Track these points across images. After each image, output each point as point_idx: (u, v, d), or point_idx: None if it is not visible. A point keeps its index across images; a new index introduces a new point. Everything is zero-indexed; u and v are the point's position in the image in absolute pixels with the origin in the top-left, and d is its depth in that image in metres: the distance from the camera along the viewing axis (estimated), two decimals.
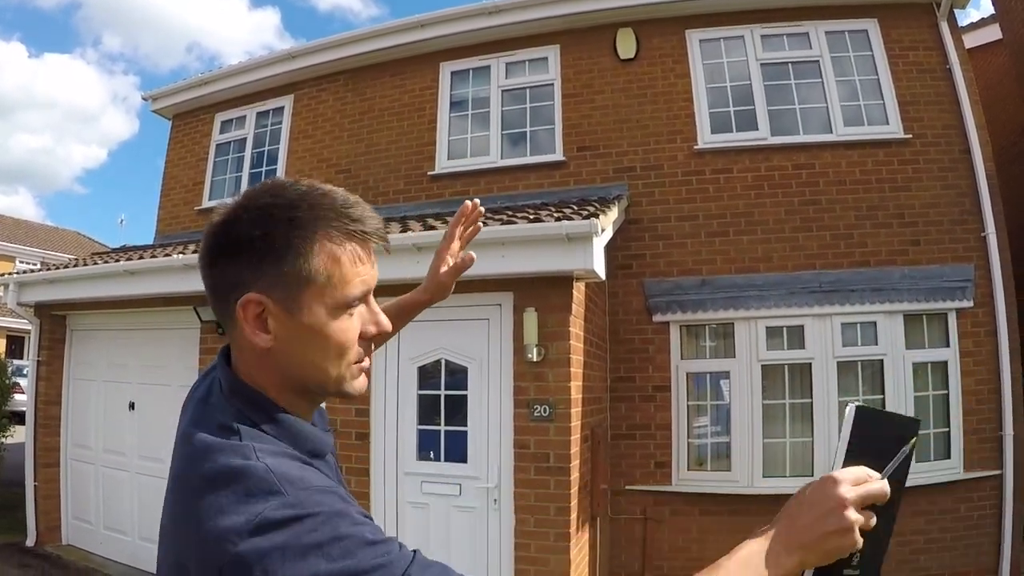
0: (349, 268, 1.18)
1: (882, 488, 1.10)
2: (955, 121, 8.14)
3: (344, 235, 1.18)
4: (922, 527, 7.51)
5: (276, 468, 1.06)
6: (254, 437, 1.13)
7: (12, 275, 9.71)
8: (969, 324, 7.79)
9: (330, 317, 1.18)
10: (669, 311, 8.07)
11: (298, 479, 1.06)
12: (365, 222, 1.20)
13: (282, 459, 1.10)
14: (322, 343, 1.19)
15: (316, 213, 1.17)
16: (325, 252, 1.16)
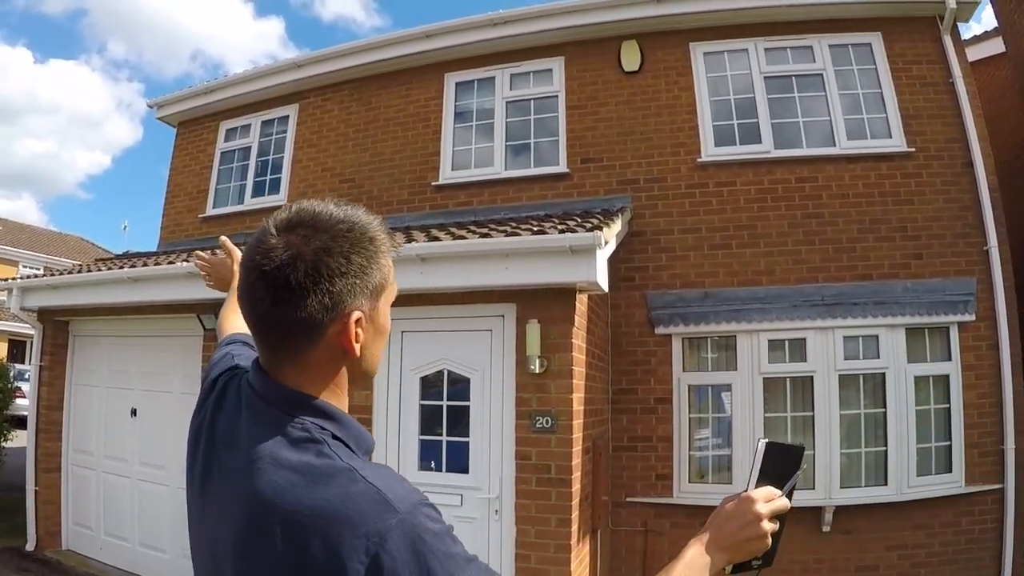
0: (392, 271, 1.38)
1: (785, 503, 1.46)
2: (958, 135, 8.14)
3: (389, 248, 1.35)
4: (923, 540, 7.51)
5: (389, 488, 1.14)
6: (347, 454, 1.22)
7: (15, 280, 9.71)
8: (971, 338, 7.79)
9: (387, 318, 1.39)
10: (671, 323, 8.08)
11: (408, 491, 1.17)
12: (394, 236, 1.45)
13: (386, 473, 1.20)
14: (382, 335, 1.39)
15: (379, 232, 1.32)
16: (388, 262, 1.35)
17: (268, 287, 1.23)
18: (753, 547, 1.43)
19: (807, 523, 7.54)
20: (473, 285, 6.44)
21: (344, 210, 1.32)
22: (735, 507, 1.45)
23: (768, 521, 1.42)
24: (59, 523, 9.38)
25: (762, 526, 1.41)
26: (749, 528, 1.41)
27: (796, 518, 7.15)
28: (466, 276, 6.41)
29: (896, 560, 7.51)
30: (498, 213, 8.84)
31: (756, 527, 1.41)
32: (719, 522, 1.45)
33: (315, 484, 1.14)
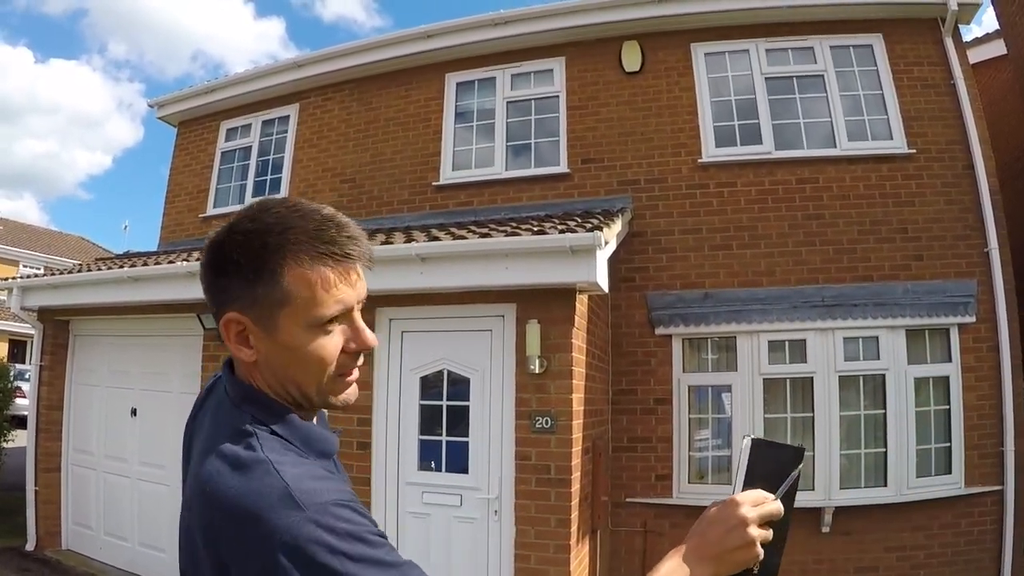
0: (320, 290, 1.23)
1: (777, 507, 1.32)
2: (959, 136, 8.14)
3: (313, 258, 1.23)
4: (922, 542, 7.52)
5: (294, 486, 1.11)
6: (271, 447, 1.20)
7: (16, 279, 9.71)
8: (971, 339, 7.79)
9: (307, 336, 1.25)
10: (671, 324, 8.08)
11: (309, 491, 1.11)
12: (339, 244, 1.25)
13: (302, 472, 1.16)
14: (301, 360, 1.26)
15: (287, 238, 1.22)
16: (295, 275, 1.22)
17: (201, 262, 1.32)
18: (740, 557, 1.29)
19: (806, 524, 7.53)
20: (473, 285, 6.44)
21: (276, 213, 1.26)
22: (718, 512, 1.32)
23: (757, 527, 1.28)
24: (59, 523, 9.37)
25: (748, 532, 1.27)
26: (733, 535, 1.28)
27: (796, 519, 7.20)
28: (466, 276, 6.40)
29: (895, 561, 7.51)
30: (498, 213, 8.84)
31: (741, 533, 1.27)
32: (702, 529, 1.33)
33: (233, 473, 1.15)
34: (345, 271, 1.26)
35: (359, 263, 1.29)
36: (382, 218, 9.60)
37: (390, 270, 6.62)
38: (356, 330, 1.31)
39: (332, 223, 1.27)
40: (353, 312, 1.30)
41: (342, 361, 1.30)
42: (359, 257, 1.28)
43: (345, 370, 1.31)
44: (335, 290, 1.24)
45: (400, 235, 7.64)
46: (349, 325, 1.30)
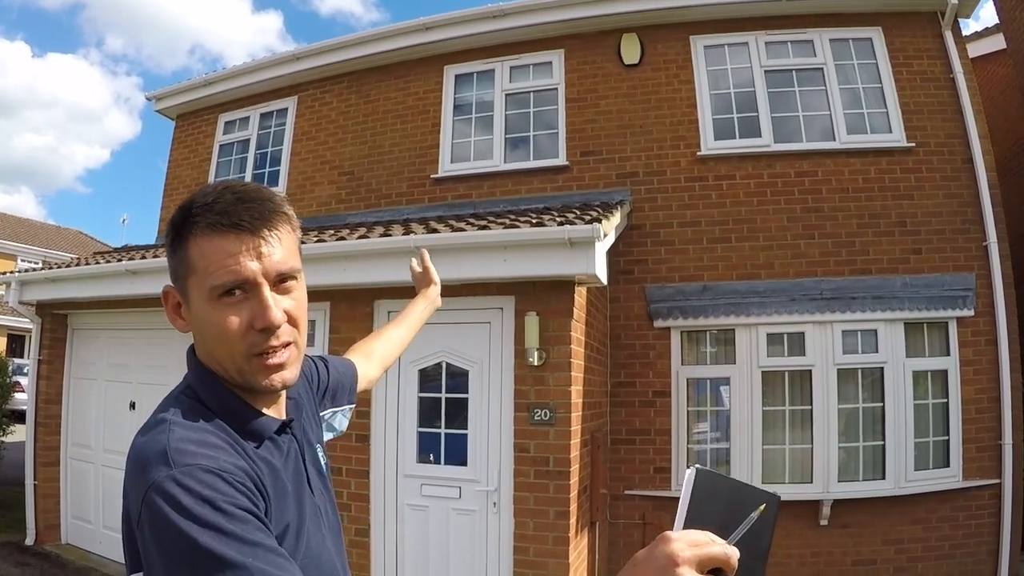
0: (213, 258, 1.27)
1: (723, 552, 1.04)
2: (958, 131, 8.14)
3: (209, 228, 1.27)
4: (920, 535, 7.53)
5: (173, 445, 1.17)
6: (183, 412, 1.28)
7: (14, 274, 9.70)
8: (970, 333, 7.79)
9: (207, 307, 1.29)
10: (670, 316, 8.08)
11: (178, 449, 1.17)
12: (229, 213, 1.27)
13: (189, 436, 1.21)
14: (206, 330, 1.31)
15: (191, 211, 1.30)
16: (194, 245, 1.29)
17: None
18: None
19: (805, 517, 7.55)
20: (472, 277, 6.43)
21: (195, 193, 1.34)
22: (648, 550, 1.06)
23: (693, 571, 1.01)
24: (58, 517, 9.36)
25: (679, 572, 1.00)
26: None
27: (793, 512, 7.18)
28: (465, 268, 6.38)
29: (893, 554, 7.52)
30: (497, 206, 8.84)
31: (671, 575, 1.01)
32: (629, 569, 1.07)
33: (143, 433, 1.26)
34: (242, 241, 1.28)
35: (259, 235, 1.29)
36: (380, 210, 9.60)
37: (388, 262, 6.62)
38: (260, 305, 1.29)
39: (231, 192, 1.31)
40: (259, 287, 1.29)
41: (252, 339, 1.29)
42: (253, 227, 1.28)
43: (256, 349, 1.30)
44: (228, 260, 1.26)
45: (399, 228, 7.63)
46: (256, 300, 1.29)
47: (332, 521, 1.51)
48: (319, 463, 1.56)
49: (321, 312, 7.30)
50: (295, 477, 1.39)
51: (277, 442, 1.40)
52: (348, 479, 6.90)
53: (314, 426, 1.65)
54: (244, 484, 1.16)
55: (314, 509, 1.42)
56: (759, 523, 1.11)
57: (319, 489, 1.49)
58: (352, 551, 6.70)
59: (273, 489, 1.27)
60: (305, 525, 1.35)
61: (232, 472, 1.16)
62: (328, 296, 7.17)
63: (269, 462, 1.32)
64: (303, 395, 1.64)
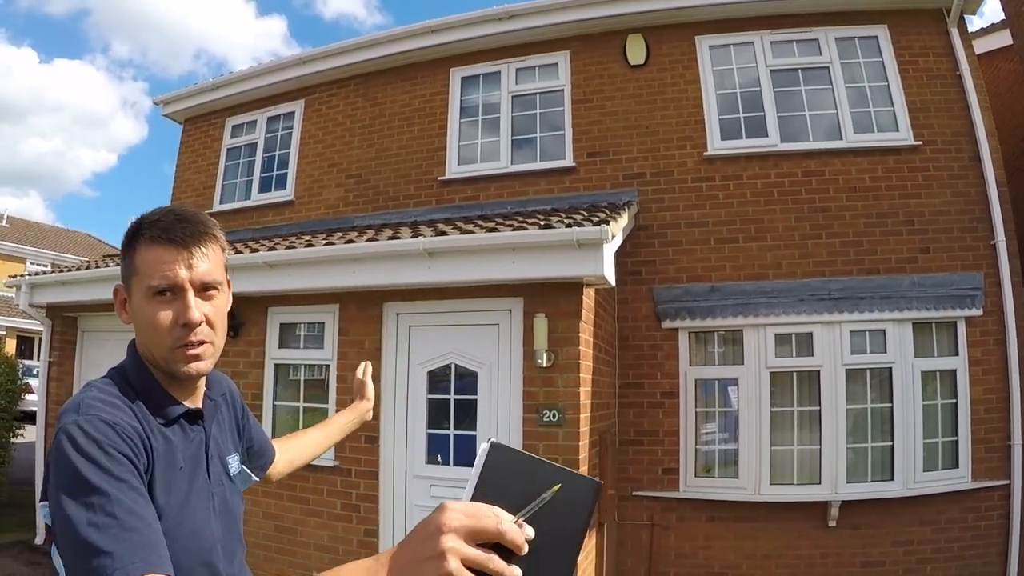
0: (152, 264, 1.56)
1: (496, 527, 0.98)
2: (965, 128, 8.12)
3: (151, 239, 1.58)
4: (929, 536, 7.51)
5: (85, 400, 1.46)
6: (107, 381, 1.58)
7: (24, 277, 9.74)
8: (978, 333, 7.77)
9: (144, 303, 1.57)
10: (678, 317, 8.08)
11: (86, 403, 1.45)
12: (168, 230, 1.57)
13: (100, 396, 1.49)
14: (142, 322, 1.58)
15: (142, 224, 1.61)
16: (139, 252, 1.59)
17: None
18: (426, 571, 0.96)
19: (813, 518, 7.54)
20: (480, 279, 6.44)
21: (148, 213, 1.64)
22: (426, 517, 1.01)
23: (463, 542, 0.96)
24: None
25: (441, 541, 0.95)
26: (427, 544, 0.97)
27: (802, 513, 7.16)
28: (473, 270, 6.41)
29: (902, 555, 7.50)
30: (504, 207, 8.85)
31: (433, 543, 0.96)
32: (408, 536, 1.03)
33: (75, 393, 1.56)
34: (176, 253, 1.56)
35: (190, 250, 1.57)
36: (388, 213, 9.61)
37: (397, 265, 6.64)
38: (182, 306, 1.56)
39: (173, 214, 1.61)
40: (184, 291, 1.56)
41: (176, 333, 1.56)
42: (185, 243, 1.57)
43: (180, 343, 1.56)
44: (163, 266, 1.55)
45: (407, 230, 7.64)
46: (183, 303, 1.56)
47: (226, 509, 1.70)
48: (226, 462, 1.78)
49: (330, 314, 7.33)
50: (192, 460, 1.62)
51: (186, 428, 1.64)
52: (357, 480, 6.92)
53: (229, 437, 1.87)
54: (131, 438, 1.41)
55: (206, 492, 1.63)
56: (566, 505, 1.06)
57: (219, 480, 1.70)
58: (360, 552, 6.73)
59: (164, 459, 1.51)
60: (191, 501, 1.56)
61: (122, 427, 1.41)
62: (337, 298, 7.20)
63: (168, 438, 1.56)
64: (225, 410, 1.89)
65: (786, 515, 7.59)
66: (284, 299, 7.54)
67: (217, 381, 1.86)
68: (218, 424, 1.80)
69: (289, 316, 7.70)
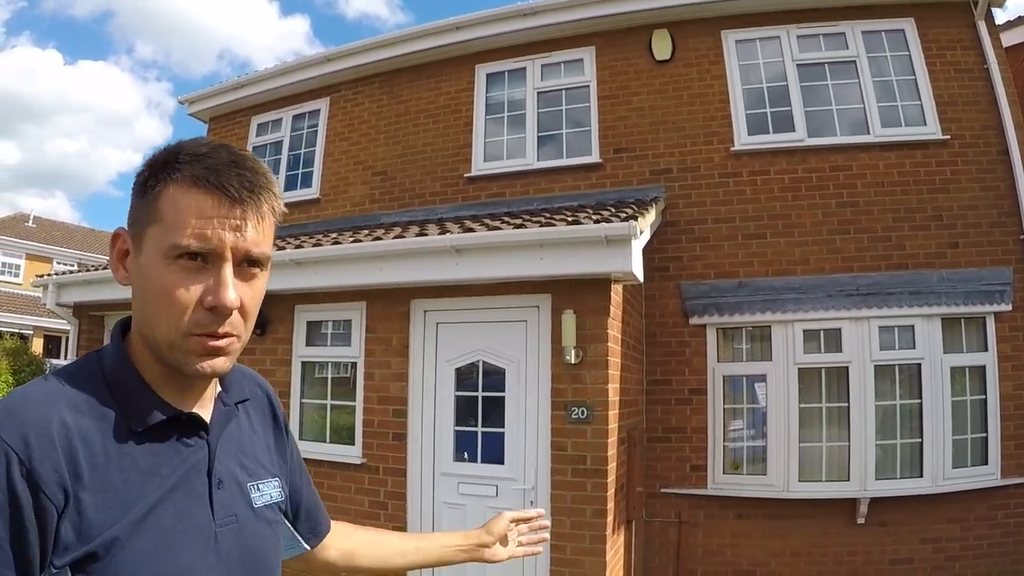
0: (186, 214, 1.15)
1: None
2: (993, 122, 8.05)
3: (191, 181, 1.16)
4: (958, 533, 7.45)
5: (13, 400, 1.12)
6: (64, 372, 1.21)
7: (50, 276, 9.83)
8: (1007, 328, 7.70)
9: (161, 262, 1.16)
10: (706, 314, 8.06)
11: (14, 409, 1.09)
12: (219, 173, 1.17)
13: (36, 396, 1.13)
14: (150, 287, 1.17)
15: (176, 157, 1.18)
16: (169, 193, 1.16)
17: None
18: None
19: (842, 515, 7.51)
20: (508, 276, 6.44)
21: (189, 142, 1.22)
22: None
23: None
24: None
25: None
26: None
27: (830, 510, 7.12)
28: (501, 267, 6.41)
29: (931, 553, 7.45)
30: (531, 204, 8.85)
31: None
32: None
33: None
34: (224, 207, 1.16)
35: (246, 208, 1.18)
36: (415, 210, 9.63)
37: (425, 262, 6.66)
38: (217, 282, 1.16)
39: (226, 152, 1.21)
40: (223, 261, 1.17)
41: (198, 317, 1.16)
42: (240, 198, 1.17)
43: (200, 329, 1.17)
44: (202, 221, 1.15)
45: (434, 227, 7.66)
46: (215, 275, 1.17)
47: (242, 554, 1.28)
48: (246, 490, 1.34)
49: (357, 312, 7.35)
50: (183, 485, 1.20)
51: (176, 442, 1.23)
52: (385, 477, 6.94)
53: (256, 456, 1.43)
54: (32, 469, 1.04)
55: (204, 532, 1.22)
56: None
57: (228, 514, 1.27)
58: None
59: (124, 482, 1.13)
60: (175, 542, 1.16)
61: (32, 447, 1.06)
62: (364, 296, 7.22)
63: (134, 455, 1.16)
64: (255, 419, 1.49)
65: (814, 512, 7.56)
66: (311, 297, 7.57)
67: (238, 381, 1.45)
68: (234, 438, 1.37)
69: (316, 314, 7.72)
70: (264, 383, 1.58)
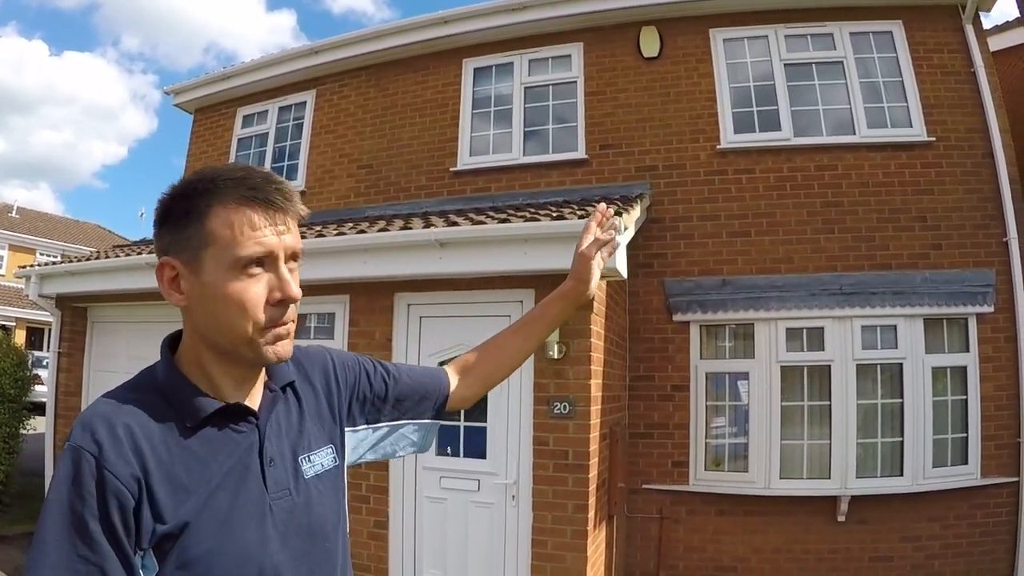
0: (241, 230, 1.32)
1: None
2: (979, 125, 8.09)
3: (237, 200, 1.33)
4: (937, 532, 7.51)
5: (85, 414, 1.35)
6: (128, 385, 1.43)
7: (34, 267, 9.75)
8: (989, 329, 7.75)
9: (228, 276, 1.33)
10: (689, 311, 8.07)
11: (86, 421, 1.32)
12: (261, 190, 1.34)
13: (101, 408, 1.35)
14: (223, 301, 1.33)
15: (215, 184, 1.34)
16: (219, 216, 1.32)
17: None
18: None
19: (822, 512, 7.54)
20: (492, 270, 6.43)
21: (219, 168, 1.38)
22: None
23: None
24: None
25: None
26: None
27: (811, 507, 7.16)
28: (485, 261, 6.40)
29: (911, 551, 7.50)
30: (516, 199, 8.84)
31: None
32: None
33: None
34: (270, 217, 1.34)
35: (286, 214, 1.37)
36: (400, 204, 9.61)
37: (408, 255, 6.64)
38: (280, 279, 1.36)
39: (258, 174, 1.37)
40: (279, 261, 1.36)
41: (269, 313, 1.36)
42: (283, 206, 1.36)
43: (273, 322, 1.37)
44: (256, 232, 1.33)
45: (418, 220, 7.63)
46: (275, 274, 1.36)
47: (300, 525, 1.45)
48: (298, 463, 1.50)
49: (341, 305, 7.32)
50: (238, 468, 1.37)
51: (229, 430, 1.40)
52: (367, 471, 6.92)
53: (310, 429, 1.57)
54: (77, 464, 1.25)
55: (260, 506, 1.38)
56: None
57: (282, 488, 1.43)
58: (371, 543, 6.73)
59: (186, 471, 1.31)
60: (234, 518, 1.33)
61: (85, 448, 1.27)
62: (348, 289, 7.19)
63: (191, 446, 1.34)
64: (307, 396, 1.62)
65: (795, 509, 7.59)
66: None
67: (281, 367, 1.55)
68: (283, 419, 1.52)
69: (299, 306, 7.67)
70: (315, 357, 1.72)
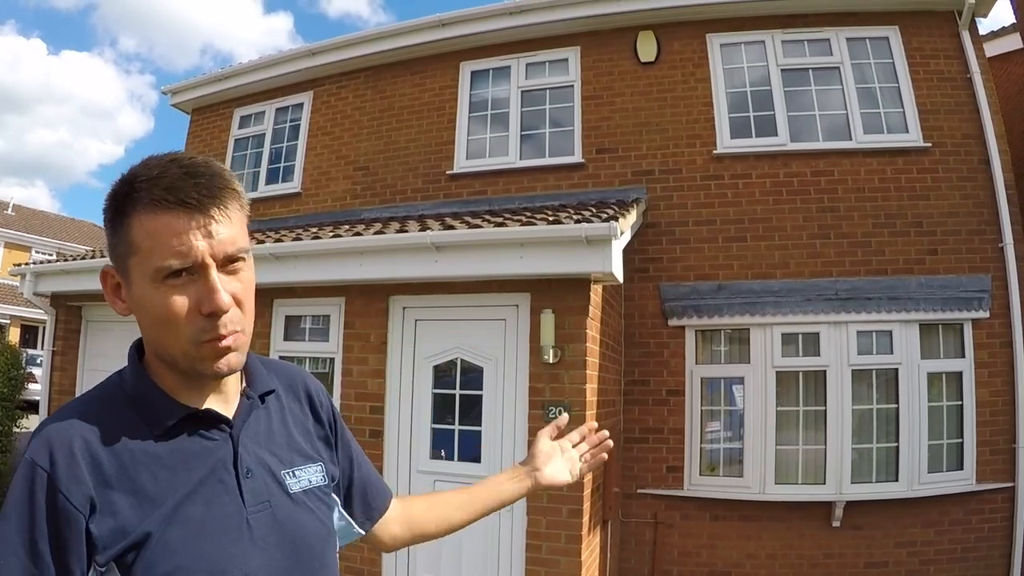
0: (158, 237, 1.19)
1: None
2: (975, 131, 8.09)
3: (154, 205, 1.19)
4: (932, 538, 7.50)
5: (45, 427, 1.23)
6: (91, 394, 1.32)
7: (28, 265, 9.73)
8: (985, 335, 7.75)
9: (150, 289, 1.21)
10: (685, 315, 8.07)
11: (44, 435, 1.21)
12: (175, 189, 1.19)
13: (62, 421, 1.23)
14: (149, 313, 1.23)
15: (133, 186, 1.22)
16: (137, 223, 1.20)
17: None
18: None
19: (817, 518, 7.54)
20: (488, 274, 6.43)
21: (137, 167, 1.25)
22: None
23: None
24: None
25: None
26: None
27: (806, 513, 7.16)
28: (481, 265, 6.40)
29: (905, 557, 7.49)
30: (513, 203, 8.84)
31: None
32: None
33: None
34: (190, 219, 1.20)
35: (212, 211, 1.21)
36: (396, 206, 9.60)
37: (404, 258, 6.63)
38: (208, 289, 1.21)
39: (177, 166, 1.22)
40: (208, 269, 1.21)
41: (200, 324, 1.21)
42: (205, 204, 1.21)
43: (206, 336, 1.22)
44: (174, 240, 1.18)
45: (414, 223, 7.63)
46: (204, 284, 1.21)
47: (283, 539, 1.32)
48: (280, 476, 1.38)
49: (336, 307, 7.32)
50: (210, 478, 1.26)
51: (199, 438, 1.29)
52: None
53: (289, 443, 1.46)
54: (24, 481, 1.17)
55: (236, 519, 1.26)
56: None
57: (260, 500, 1.31)
58: (364, 547, 6.71)
59: (153, 480, 1.20)
60: (208, 530, 1.22)
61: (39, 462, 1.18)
62: (343, 291, 7.18)
63: (157, 454, 1.23)
64: (287, 409, 1.51)
65: (790, 515, 7.59)
66: (290, 291, 7.52)
67: (262, 375, 1.48)
68: (261, 428, 1.41)
69: (294, 308, 7.68)
70: (300, 374, 1.64)
